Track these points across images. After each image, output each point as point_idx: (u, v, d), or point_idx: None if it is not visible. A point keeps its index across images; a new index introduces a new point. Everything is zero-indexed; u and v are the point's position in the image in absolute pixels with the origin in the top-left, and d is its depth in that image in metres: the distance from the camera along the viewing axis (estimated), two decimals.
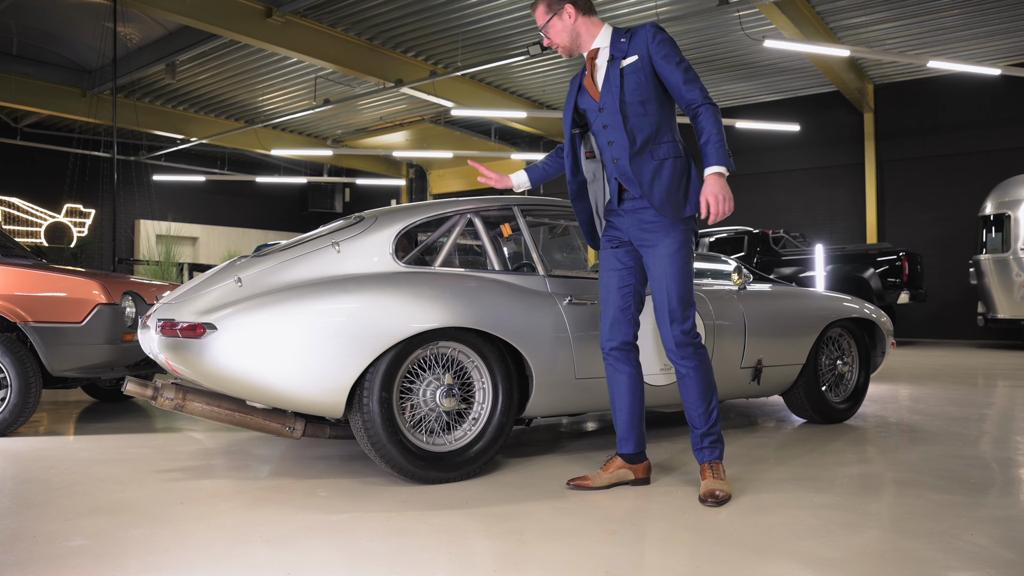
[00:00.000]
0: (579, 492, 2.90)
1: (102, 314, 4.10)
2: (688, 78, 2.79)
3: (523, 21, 11.35)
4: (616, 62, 2.86)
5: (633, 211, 2.91)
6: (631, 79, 2.84)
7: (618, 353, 2.97)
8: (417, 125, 17.07)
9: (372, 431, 2.87)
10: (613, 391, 3.01)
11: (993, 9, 10.64)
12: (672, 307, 2.84)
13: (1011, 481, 3.08)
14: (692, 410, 2.90)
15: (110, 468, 3.36)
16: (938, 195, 13.53)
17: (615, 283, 2.97)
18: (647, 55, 2.82)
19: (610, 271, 2.99)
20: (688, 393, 2.90)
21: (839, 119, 14.29)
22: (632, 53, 2.84)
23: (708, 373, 2.91)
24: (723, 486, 2.81)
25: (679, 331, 2.86)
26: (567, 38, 2.96)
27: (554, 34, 2.96)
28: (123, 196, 17.79)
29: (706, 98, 2.79)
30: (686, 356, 2.87)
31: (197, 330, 2.76)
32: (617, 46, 2.88)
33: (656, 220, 2.85)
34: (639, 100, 2.83)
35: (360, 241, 3.17)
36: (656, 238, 2.85)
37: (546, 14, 2.95)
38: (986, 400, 5.48)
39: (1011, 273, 10.23)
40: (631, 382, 2.98)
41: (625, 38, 2.88)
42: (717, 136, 2.73)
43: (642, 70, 2.83)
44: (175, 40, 12.56)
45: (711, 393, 2.90)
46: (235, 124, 17.05)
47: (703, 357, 2.90)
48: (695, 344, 2.88)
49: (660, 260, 2.84)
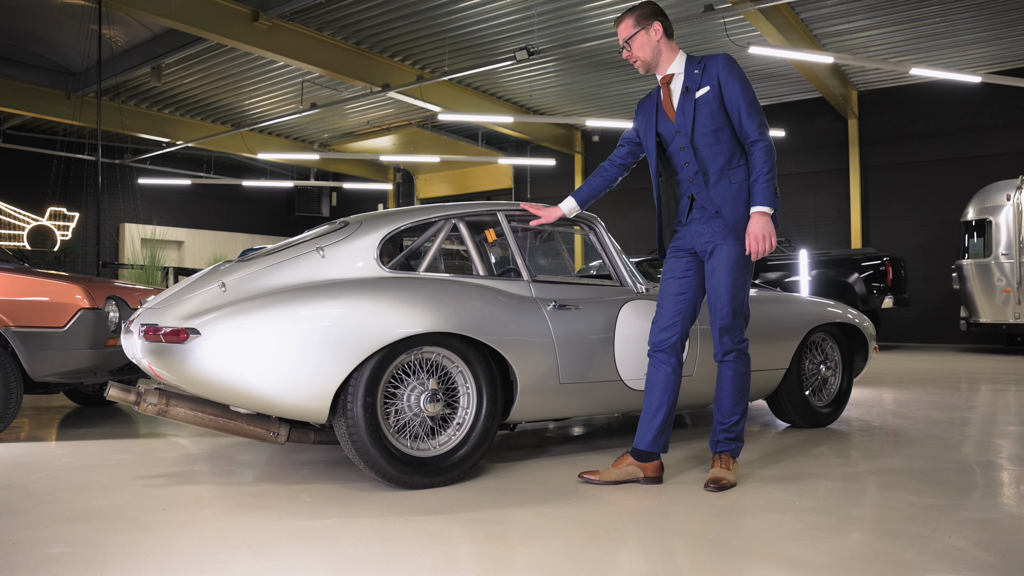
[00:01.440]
0: (563, 496, 2.91)
1: (85, 319, 4.07)
2: (751, 112, 2.96)
3: (510, 26, 11.38)
4: (690, 94, 3.03)
5: (700, 220, 3.09)
6: (704, 109, 3.00)
7: (663, 355, 3.11)
8: (404, 129, 17.06)
9: (356, 436, 2.86)
10: (649, 385, 3.14)
11: (974, 18, 10.77)
12: (724, 316, 3.03)
13: (990, 484, 3.11)
14: (721, 405, 3.12)
15: (92, 474, 3.34)
16: (921, 200, 13.66)
17: (673, 290, 3.14)
18: (718, 85, 2.99)
19: (670, 278, 3.16)
20: (722, 391, 3.11)
21: (824, 125, 14.41)
22: (705, 84, 3.01)
23: (746, 378, 3.11)
24: (727, 475, 3.01)
25: (728, 339, 3.06)
26: (649, 53, 3.09)
27: (637, 47, 3.09)
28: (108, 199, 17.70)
29: (762, 134, 2.96)
30: (729, 360, 3.08)
31: (180, 335, 2.75)
32: (691, 76, 3.04)
33: (719, 231, 3.03)
34: (712, 130, 3.01)
35: (345, 246, 3.17)
36: (719, 249, 3.03)
37: (634, 26, 3.07)
38: (968, 404, 5.53)
39: (992, 278, 10.34)
40: (667, 381, 3.10)
41: (699, 69, 3.03)
42: (767, 176, 2.92)
43: (714, 100, 2.99)
44: (161, 43, 12.51)
45: (743, 397, 3.11)
46: (221, 127, 16.98)
47: (745, 363, 3.10)
48: (739, 350, 3.08)
49: (719, 270, 3.03)
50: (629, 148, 3.36)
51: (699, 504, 2.80)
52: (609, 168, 3.40)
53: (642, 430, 3.11)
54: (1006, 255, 10.21)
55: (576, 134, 17.69)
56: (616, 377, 3.49)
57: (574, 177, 17.90)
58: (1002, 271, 10.25)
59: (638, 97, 14.59)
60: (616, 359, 3.47)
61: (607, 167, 3.40)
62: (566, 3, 10.57)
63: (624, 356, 3.49)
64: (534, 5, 10.63)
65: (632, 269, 3.78)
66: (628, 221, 16.83)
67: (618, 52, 12.30)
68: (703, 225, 3.08)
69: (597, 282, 3.66)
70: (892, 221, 13.93)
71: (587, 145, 17.79)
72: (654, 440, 3.09)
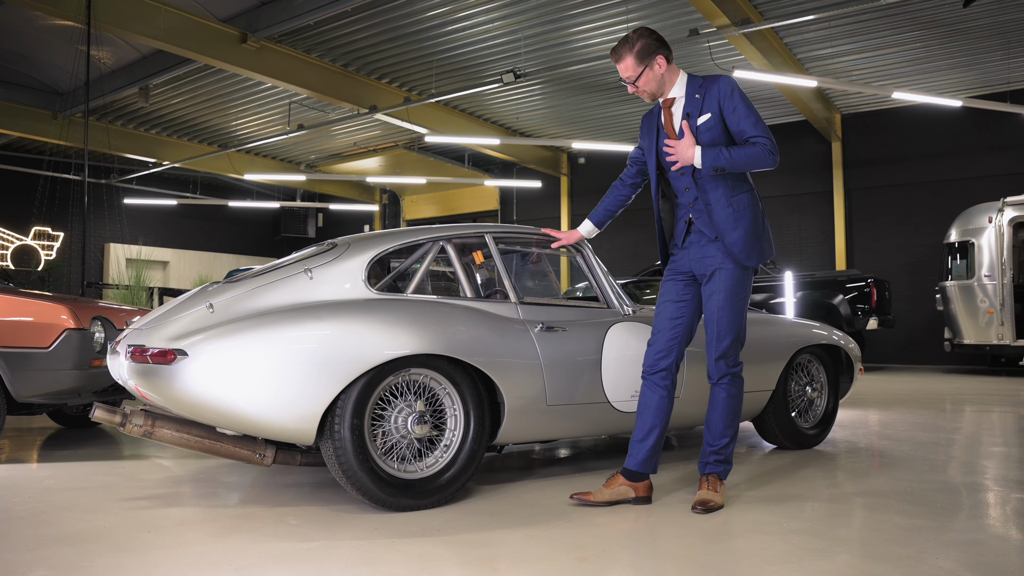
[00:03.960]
0: (551, 518, 2.90)
1: (70, 339, 4.05)
2: (754, 122, 2.96)
3: (497, 49, 11.48)
4: (692, 120, 3.03)
5: (698, 244, 3.10)
6: (705, 137, 3.01)
7: (657, 378, 3.11)
8: (391, 151, 17.11)
9: (343, 458, 2.85)
10: (641, 407, 3.14)
11: (954, 43, 10.96)
12: (723, 341, 3.05)
13: (976, 505, 3.12)
14: (712, 427, 3.12)
15: (75, 496, 3.30)
16: (904, 222, 13.81)
17: (669, 313, 3.14)
18: (719, 111, 2.99)
19: (666, 302, 3.16)
20: (714, 413, 3.11)
21: (808, 148, 14.56)
22: (706, 110, 3.01)
23: (738, 401, 3.12)
24: (715, 497, 3.01)
25: (724, 363, 3.07)
26: (655, 86, 3.10)
27: (644, 83, 3.09)
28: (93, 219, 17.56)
29: (767, 137, 2.96)
30: (724, 383, 3.09)
31: (167, 356, 2.73)
32: (692, 101, 3.04)
33: (718, 255, 3.04)
34: None
35: (332, 268, 3.17)
36: (718, 273, 3.04)
37: (638, 67, 3.06)
38: (953, 425, 5.56)
39: (976, 299, 10.44)
40: (661, 404, 3.10)
41: (700, 92, 3.03)
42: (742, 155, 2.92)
43: (716, 127, 3.00)
44: (149, 64, 12.52)
45: (735, 419, 3.11)
46: (208, 148, 16.97)
47: (739, 386, 3.11)
48: (733, 374, 3.08)
49: (718, 294, 3.04)
50: (637, 168, 3.39)
51: (688, 526, 2.80)
52: (621, 188, 3.45)
53: (633, 450, 3.12)
54: (989, 276, 10.33)
55: (562, 156, 17.80)
56: (603, 399, 3.49)
57: (560, 199, 17.98)
58: (985, 292, 10.36)
59: (624, 119, 14.75)
60: (603, 381, 3.48)
61: (619, 187, 3.45)
62: (552, 27, 10.68)
63: (611, 378, 3.49)
64: (520, 29, 10.74)
65: (619, 291, 3.79)
66: (615, 243, 16.90)
67: (604, 76, 12.49)
68: (701, 249, 3.09)
69: (584, 304, 3.68)
70: (876, 243, 14.06)
71: (573, 167, 17.89)
72: (645, 461, 3.10)
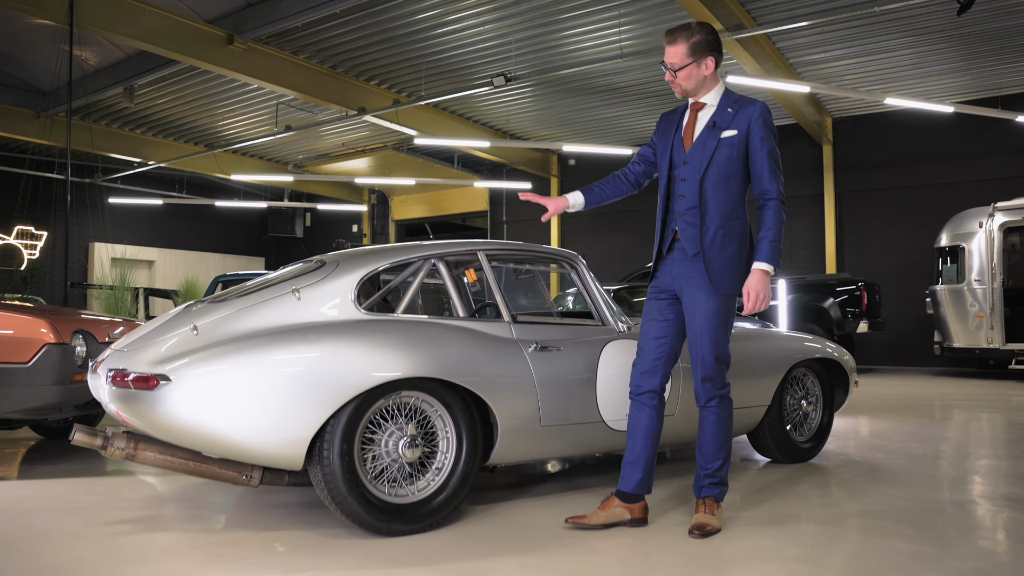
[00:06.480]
0: (545, 544, 2.83)
1: (50, 354, 3.94)
2: (774, 169, 2.93)
3: (487, 51, 11.38)
4: (716, 131, 2.96)
5: (679, 261, 3.02)
6: (723, 151, 2.94)
7: (644, 398, 3.06)
8: (380, 152, 16.98)
9: (332, 485, 2.77)
10: (631, 428, 3.08)
11: (946, 49, 10.96)
12: (706, 363, 2.98)
13: (975, 527, 3.07)
14: (704, 451, 3.05)
15: (55, 520, 3.20)
16: (895, 226, 13.82)
17: (653, 333, 3.08)
18: (746, 132, 2.93)
19: (650, 321, 3.10)
20: (705, 436, 3.05)
21: (799, 151, 14.55)
22: (734, 127, 2.95)
23: (729, 423, 3.05)
24: (712, 521, 2.96)
25: (710, 386, 3.00)
26: (693, 84, 3.02)
27: (684, 77, 3.00)
28: (76, 219, 17.38)
29: (780, 194, 2.93)
30: (712, 406, 3.03)
31: (150, 382, 2.64)
32: (723, 114, 2.98)
33: (696, 277, 2.97)
34: (724, 175, 2.95)
35: (321, 287, 3.09)
36: (697, 295, 2.97)
37: (687, 57, 2.97)
38: (944, 435, 5.53)
39: (966, 303, 10.45)
40: (650, 424, 3.05)
41: (732, 108, 2.97)
42: (775, 235, 2.90)
43: (737, 145, 2.94)
44: (133, 64, 12.34)
45: (726, 441, 3.05)
46: (194, 148, 16.80)
47: (728, 408, 3.05)
48: (720, 396, 3.02)
49: (699, 316, 2.97)
50: (644, 168, 3.27)
51: (684, 553, 2.74)
52: (622, 181, 3.29)
53: (626, 472, 3.06)
54: (979, 281, 10.34)
55: (552, 157, 17.72)
56: (598, 419, 3.43)
57: None
58: (975, 297, 10.37)
59: (615, 121, 14.70)
60: (598, 400, 3.42)
61: (621, 178, 3.28)
62: (543, 31, 10.60)
63: (606, 397, 3.43)
64: (511, 32, 10.65)
65: (614, 307, 3.73)
66: (605, 244, 16.87)
67: (596, 79, 12.43)
68: (680, 267, 3.02)
69: (578, 322, 3.61)
70: (866, 246, 14.07)
71: (563, 168, 17.82)
72: (639, 483, 3.05)
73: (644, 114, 14.26)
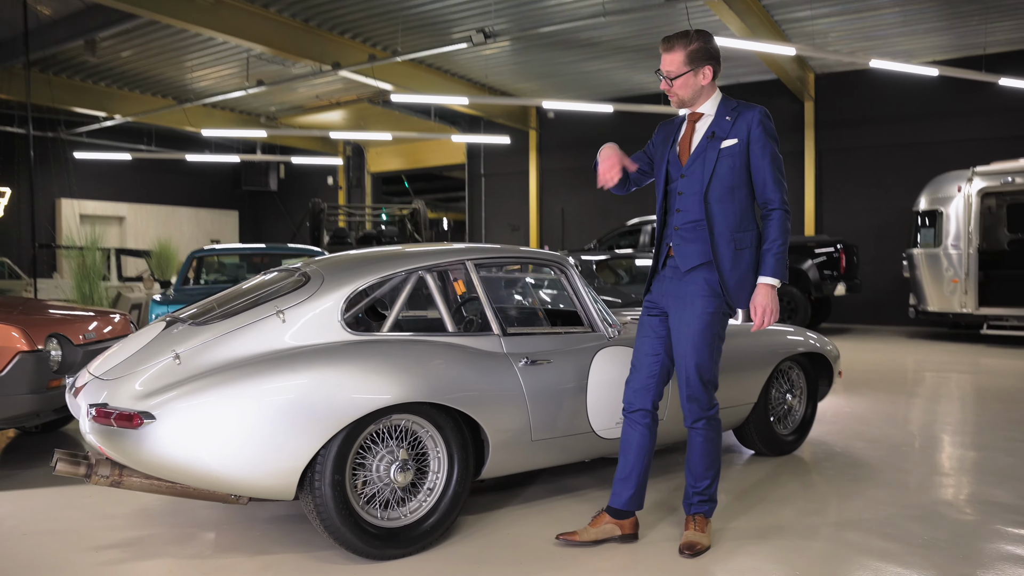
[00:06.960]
0: (538, 565, 2.84)
1: (24, 363, 3.82)
2: (775, 177, 2.86)
3: (466, 5, 11.04)
4: (715, 141, 2.88)
5: (672, 279, 2.97)
6: (726, 162, 2.86)
7: (638, 415, 3.02)
8: (355, 104, 16.60)
9: (325, 515, 2.74)
10: (623, 445, 3.06)
11: (931, 7, 10.81)
12: (691, 383, 2.93)
13: (959, 537, 3.11)
14: (692, 470, 3.03)
15: (38, 544, 3.13)
16: (874, 185, 13.83)
17: (647, 348, 3.03)
18: (747, 139, 2.85)
19: (644, 336, 3.06)
20: (693, 456, 3.02)
21: (779, 107, 14.40)
22: (734, 135, 2.87)
23: (717, 443, 3.02)
24: (702, 539, 2.97)
25: (696, 407, 2.95)
26: (690, 93, 2.93)
27: (680, 86, 2.91)
28: (41, 175, 16.86)
29: (783, 203, 2.87)
30: (699, 427, 2.99)
31: (133, 420, 2.57)
32: (721, 123, 2.89)
33: (691, 292, 2.91)
34: (729, 186, 2.87)
35: (306, 308, 2.99)
36: (687, 310, 2.91)
37: (684, 66, 2.88)
38: (925, 418, 5.63)
39: (942, 268, 10.55)
40: (643, 441, 3.02)
41: (731, 116, 2.89)
42: (780, 247, 2.84)
43: (739, 155, 2.86)
44: (94, 15, 11.77)
45: (715, 461, 3.02)
46: (163, 102, 16.29)
47: (716, 429, 3.01)
48: (708, 417, 2.98)
49: (684, 335, 2.91)
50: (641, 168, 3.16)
51: (674, 573, 2.76)
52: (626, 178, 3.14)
53: (617, 489, 3.05)
54: (955, 246, 10.41)
55: (531, 110, 17.44)
56: (588, 429, 3.42)
57: (529, 153, 17.68)
58: (951, 262, 10.46)
59: (595, 75, 14.46)
60: (588, 411, 3.40)
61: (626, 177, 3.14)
62: None
63: (596, 408, 3.41)
64: None
65: (604, 312, 3.68)
66: (583, 198, 16.76)
67: (576, 32, 12.14)
68: (671, 284, 2.99)
69: (569, 330, 3.56)
70: (845, 204, 14.10)
71: (542, 121, 17.56)
72: (630, 499, 3.05)
73: (625, 69, 14.01)
